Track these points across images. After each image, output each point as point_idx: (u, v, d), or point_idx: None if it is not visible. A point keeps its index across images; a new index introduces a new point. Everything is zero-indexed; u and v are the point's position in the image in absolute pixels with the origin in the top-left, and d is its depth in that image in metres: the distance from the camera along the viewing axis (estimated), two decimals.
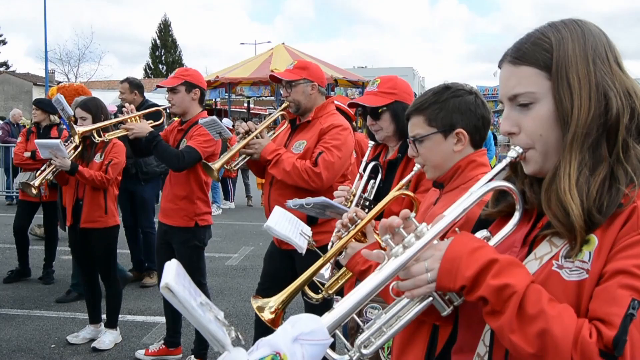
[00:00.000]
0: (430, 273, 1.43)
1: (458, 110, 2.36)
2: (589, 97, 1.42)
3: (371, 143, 3.38)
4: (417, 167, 2.52)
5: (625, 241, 1.32)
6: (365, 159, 3.31)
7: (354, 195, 3.13)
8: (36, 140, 5.42)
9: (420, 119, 2.39)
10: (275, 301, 2.23)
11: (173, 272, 1.38)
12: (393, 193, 2.59)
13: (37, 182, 5.24)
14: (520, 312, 1.31)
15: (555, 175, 1.44)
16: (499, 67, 1.57)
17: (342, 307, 1.44)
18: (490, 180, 1.55)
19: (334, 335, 1.46)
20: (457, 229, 1.58)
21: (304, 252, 2.90)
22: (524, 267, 1.41)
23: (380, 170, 3.23)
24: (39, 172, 5.39)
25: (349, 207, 3.06)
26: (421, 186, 2.92)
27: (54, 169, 5.24)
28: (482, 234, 1.58)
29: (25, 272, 7.99)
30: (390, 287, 1.53)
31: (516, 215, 1.55)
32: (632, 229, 1.32)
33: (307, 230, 2.99)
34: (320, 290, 2.67)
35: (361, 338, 1.54)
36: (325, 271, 2.66)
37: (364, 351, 1.53)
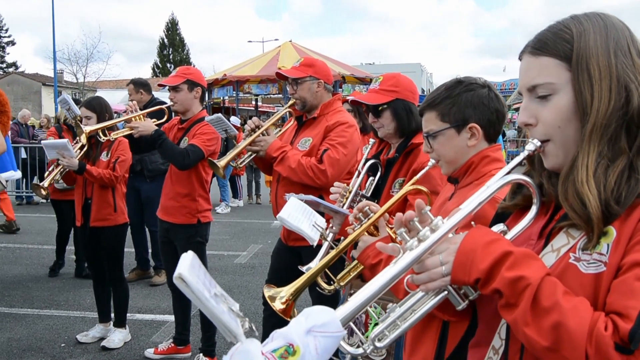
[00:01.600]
0: (445, 266, 1.43)
1: (471, 105, 2.33)
2: (610, 88, 1.39)
3: (372, 140, 3.38)
4: (431, 162, 2.50)
5: None
6: (365, 155, 3.30)
7: (350, 192, 3.12)
8: (43, 142, 5.44)
9: (433, 115, 2.37)
10: (286, 292, 2.24)
11: (187, 263, 1.40)
12: (407, 187, 2.58)
13: (45, 183, 5.26)
14: (535, 305, 1.30)
15: (573, 166, 1.42)
16: (519, 58, 1.55)
17: (356, 299, 1.44)
18: (508, 173, 1.54)
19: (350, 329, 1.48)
20: (473, 222, 1.56)
21: (315, 244, 2.90)
22: (539, 260, 1.39)
23: (380, 168, 3.22)
24: (47, 172, 5.40)
25: (344, 204, 3.07)
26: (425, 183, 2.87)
27: (62, 169, 5.25)
28: (498, 227, 1.57)
29: (62, 264, 8.30)
30: (405, 280, 1.52)
31: (533, 209, 1.53)
32: None
33: (321, 221, 2.98)
34: (332, 282, 2.67)
35: (375, 331, 1.53)
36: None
37: (378, 344, 1.53)
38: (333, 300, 3.67)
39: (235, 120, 15.40)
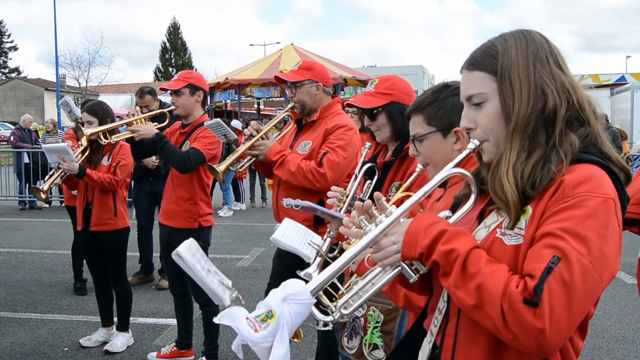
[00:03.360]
0: (396, 245, 1.69)
1: (457, 109, 2.31)
2: (528, 94, 1.67)
3: (368, 143, 3.36)
4: (419, 167, 2.52)
5: (553, 209, 1.57)
6: (362, 158, 3.30)
7: (347, 196, 3.11)
8: (43, 145, 5.46)
9: (419, 118, 2.40)
10: None
11: (186, 245, 1.89)
12: (398, 194, 2.59)
13: (45, 187, 5.27)
14: (463, 271, 1.57)
15: (499, 160, 1.70)
16: (460, 73, 1.83)
17: (323, 274, 1.72)
18: (453, 168, 1.79)
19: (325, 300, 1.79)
20: (421, 209, 1.93)
21: (311, 261, 2.93)
22: (469, 235, 1.66)
23: (377, 171, 3.22)
24: (47, 176, 5.42)
25: (341, 208, 3.08)
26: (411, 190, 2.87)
27: (63, 173, 5.27)
28: (444, 213, 1.84)
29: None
30: (365, 258, 1.83)
31: (472, 197, 1.79)
32: (558, 199, 1.57)
33: (317, 239, 3.00)
34: (334, 298, 2.69)
35: (341, 301, 1.78)
36: (314, 272, 2.68)
37: (344, 311, 1.77)
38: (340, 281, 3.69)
39: (237, 123, 15.38)
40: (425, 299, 2.09)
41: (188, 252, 1.77)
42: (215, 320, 1.65)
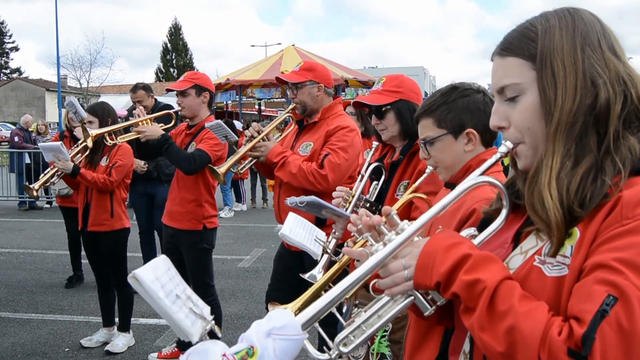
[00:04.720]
0: (407, 270, 1.39)
1: (467, 110, 2.34)
2: (575, 85, 1.34)
3: (375, 143, 3.34)
4: (429, 169, 2.51)
5: (607, 234, 1.23)
6: (368, 159, 3.28)
7: (353, 197, 3.10)
8: (40, 144, 5.50)
9: (429, 121, 2.38)
10: (292, 308, 2.24)
11: (151, 265, 1.53)
12: (406, 196, 2.57)
13: (37, 185, 5.28)
14: (491, 309, 1.25)
15: (538, 168, 1.37)
16: (491, 60, 1.51)
17: (317, 304, 1.42)
18: (480, 175, 1.50)
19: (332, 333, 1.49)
20: (440, 226, 1.55)
21: (319, 258, 2.90)
22: (499, 263, 1.34)
23: (384, 172, 3.20)
24: (42, 174, 5.45)
25: (347, 208, 3.06)
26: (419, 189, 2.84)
27: (58, 172, 5.28)
28: (468, 231, 1.54)
29: (80, 277, 7.96)
30: (371, 284, 1.50)
31: (503, 212, 1.48)
32: (615, 221, 1.23)
33: (322, 235, 2.99)
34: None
35: (340, 336, 1.49)
36: (319, 274, 2.67)
37: (343, 349, 1.48)
38: (338, 311, 3.68)
39: (238, 124, 15.37)
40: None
41: (151, 273, 1.47)
42: (182, 358, 1.41)
